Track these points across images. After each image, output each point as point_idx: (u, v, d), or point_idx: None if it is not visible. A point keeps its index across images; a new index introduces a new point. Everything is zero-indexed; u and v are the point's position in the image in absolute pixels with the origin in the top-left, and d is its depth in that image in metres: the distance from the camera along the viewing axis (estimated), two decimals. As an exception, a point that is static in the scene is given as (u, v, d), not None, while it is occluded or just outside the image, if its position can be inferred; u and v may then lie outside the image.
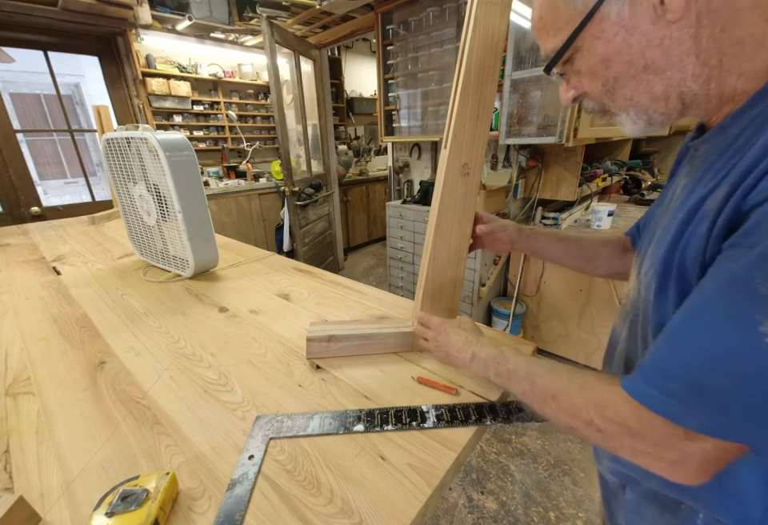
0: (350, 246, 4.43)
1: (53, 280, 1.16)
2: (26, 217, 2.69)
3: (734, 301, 0.29)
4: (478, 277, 2.31)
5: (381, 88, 2.68)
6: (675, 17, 0.33)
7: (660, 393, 0.32)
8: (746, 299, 0.28)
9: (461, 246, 0.68)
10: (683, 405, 0.30)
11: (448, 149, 0.61)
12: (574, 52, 0.39)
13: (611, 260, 0.67)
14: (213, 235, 1.14)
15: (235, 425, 0.56)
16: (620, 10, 0.35)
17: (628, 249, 0.66)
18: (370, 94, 4.88)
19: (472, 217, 0.66)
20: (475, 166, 0.63)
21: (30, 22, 2.42)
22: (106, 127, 1.80)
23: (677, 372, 0.31)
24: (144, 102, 3.07)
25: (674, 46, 0.34)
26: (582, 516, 1.35)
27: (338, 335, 0.70)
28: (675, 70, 0.35)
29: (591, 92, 0.42)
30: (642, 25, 0.35)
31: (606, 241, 0.69)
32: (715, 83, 0.35)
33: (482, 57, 0.56)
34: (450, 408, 0.58)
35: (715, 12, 0.32)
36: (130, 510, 0.40)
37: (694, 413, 0.30)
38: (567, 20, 0.38)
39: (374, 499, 0.44)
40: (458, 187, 0.63)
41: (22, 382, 0.68)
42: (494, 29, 0.55)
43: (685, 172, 0.43)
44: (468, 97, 0.58)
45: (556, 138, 1.85)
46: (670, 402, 0.31)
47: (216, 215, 3.12)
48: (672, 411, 0.31)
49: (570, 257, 0.70)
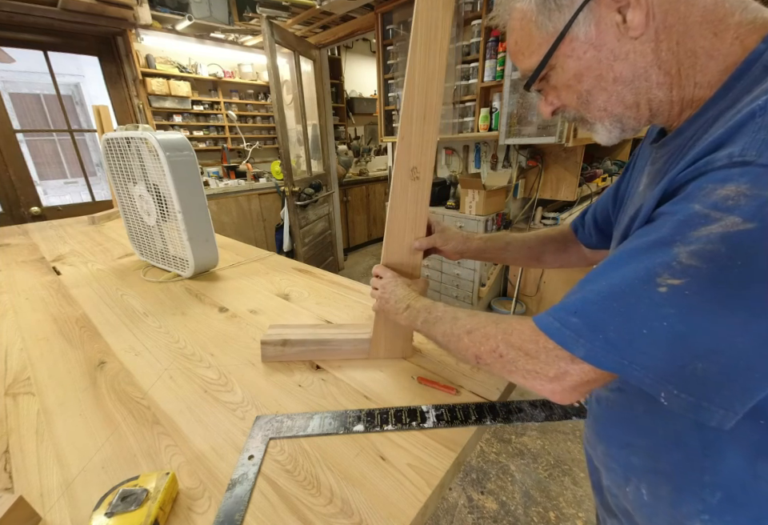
0: (350, 246, 4.43)
1: (53, 280, 1.16)
2: (25, 217, 2.69)
3: (647, 256, 0.32)
4: (477, 277, 2.31)
5: (381, 88, 2.68)
6: (637, 33, 0.37)
7: (560, 324, 0.36)
8: (657, 255, 0.32)
9: (414, 251, 0.66)
10: (576, 335, 0.35)
11: (396, 152, 0.58)
12: (549, 70, 0.44)
13: (557, 254, 0.74)
14: (213, 235, 1.14)
15: (235, 425, 0.56)
16: (587, 30, 0.39)
17: (571, 240, 0.73)
18: (370, 94, 4.88)
19: (424, 223, 0.65)
20: (425, 170, 0.59)
21: (29, 21, 2.42)
22: (106, 127, 1.80)
23: (576, 307, 0.36)
24: (144, 102, 3.07)
25: (639, 59, 0.38)
26: (582, 516, 1.35)
27: (292, 340, 0.69)
28: (642, 79, 0.39)
29: (568, 104, 0.46)
30: (609, 42, 0.39)
31: (550, 237, 0.75)
32: (676, 90, 0.39)
33: (425, 54, 0.53)
34: (449, 408, 0.58)
35: (670, 27, 0.37)
36: (129, 511, 0.40)
37: (584, 343, 0.34)
38: (540, 43, 0.42)
39: (373, 499, 0.44)
40: (408, 192, 0.61)
41: (21, 382, 0.68)
42: (437, 23, 0.52)
43: (647, 172, 0.47)
44: (413, 97, 0.55)
45: (556, 138, 1.85)
46: (565, 332, 0.36)
47: (216, 215, 3.12)
48: (565, 339, 0.36)
49: (520, 258, 0.76)
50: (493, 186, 2.26)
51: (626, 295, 0.33)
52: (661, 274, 0.31)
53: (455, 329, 0.48)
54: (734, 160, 0.29)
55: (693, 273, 0.29)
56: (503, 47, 1.95)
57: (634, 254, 0.34)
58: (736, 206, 0.28)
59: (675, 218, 0.32)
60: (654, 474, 0.45)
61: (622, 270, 0.34)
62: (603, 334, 0.33)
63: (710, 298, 0.29)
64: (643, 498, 0.47)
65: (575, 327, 0.35)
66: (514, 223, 2.43)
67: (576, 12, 0.38)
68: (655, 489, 0.45)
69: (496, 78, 2.04)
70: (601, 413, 0.54)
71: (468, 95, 2.21)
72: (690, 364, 0.30)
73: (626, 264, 0.34)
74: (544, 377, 0.38)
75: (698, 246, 0.29)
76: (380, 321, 0.68)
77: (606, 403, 0.52)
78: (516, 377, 0.40)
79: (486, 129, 2.18)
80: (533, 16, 0.41)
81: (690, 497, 0.41)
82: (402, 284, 0.63)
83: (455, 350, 0.48)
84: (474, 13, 2.05)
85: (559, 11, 0.39)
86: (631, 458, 0.48)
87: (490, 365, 0.43)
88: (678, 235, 0.31)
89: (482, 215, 2.22)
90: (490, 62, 2.03)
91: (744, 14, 0.35)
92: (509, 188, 2.35)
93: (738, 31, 0.35)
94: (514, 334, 0.41)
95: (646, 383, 0.32)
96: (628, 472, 0.49)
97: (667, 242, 0.31)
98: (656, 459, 0.45)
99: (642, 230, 0.35)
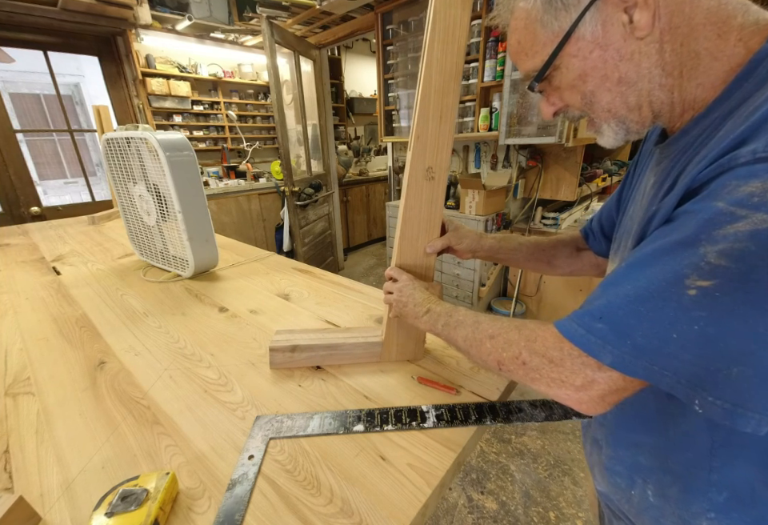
0: (350, 246, 4.43)
1: (53, 280, 1.16)
2: (25, 217, 2.69)
3: (672, 257, 0.31)
4: (477, 277, 2.31)
5: (381, 88, 2.68)
6: (643, 34, 0.37)
7: (585, 331, 0.35)
8: (684, 256, 0.31)
9: (428, 254, 0.65)
10: (602, 341, 0.33)
11: (411, 151, 0.57)
12: (553, 70, 0.43)
13: (569, 259, 0.73)
14: (213, 235, 1.14)
15: (235, 425, 0.56)
16: (594, 30, 0.39)
17: (582, 247, 0.72)
18: (370, 94, 4.88)
19: (439, 223, 0.64)
20: (440, 170, 0.59)
21: (29, 21, 2.42)
22: (106, 127, 1.80)
23: (602, 312, 0.34)
24: (144, 102, 3.07)
25: (644, 60, 0.38)
26: (582, 516, 1.35)
27: (302, 345, 0.68)
28: (645, 81, 0.39)
29: (572, 105, 0.46)
30: (615, 42, 0.39)
31: (562, 242, 0.74)
32: (678, 92, 0.39)
33: (442, 52, 0.52)
34: (449, 408, 0.58)
35: (675, 28, 0.37)
36: (129, 511, 0.40)
37: (611, 349, 0.33)
38: (545, 42, 0.41)
39: (373, 499, 0.44)
40: (423, 192, 0.59)
41: (21, 382, 0.68)
42: (455, 21, 0.51)
43: (653, 172, 0.47)
44: (430, 96, 0.54)
45: (556, 138, 1.85)
46: (591, 338, 0.34)
47: (216, 215, 3.12)
48: (591, 346, 0.34)
49: (531, 261, 0.74)
50: (493, 186, 2.26)
51: (653, 299, 0.31)
52: (689, 275, 0.30)
53: (477, 333, 0.47)
54: (757, 156, 0.28)
55: (722, 273, 0.28)
56: (503, 47, 1.95)
57: (658, 255, 0.33)
58: (762, 202, 0.27)
59: (699, 216, 0.31)
60: (662, 474, 0.45)
61: (647, 273, 0.33)
62: (631, 340, 0.32)
63: (742, 298, 0.28)
64: (649, 500, 0.46)
65: (601, 333, 0.34)
66: (514, 223, 2.43)
67: (583, 11, 0.38)
68: (663, 489, 0.45)
69: (496, 78, 2.04)
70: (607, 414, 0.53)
71: (468, 95, 2.21)
72: (724, 369, 0.29)
73: (650, 266, 0.33)
74: (570, 386, 0.36)
75: (726, 245, 0.28)
76: (392, 324, 0.67)
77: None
78: (540, 385, 0.39)
79: (486, 129, 2.18)
80: (538, 15, 0.41)
81: (697, 496, 0.41)
82: (420, 287, 0.61)
83: (477, 355, 0.47)
84: (474, 13, 2.05)
85: (566, 10, 0.39)
86: (638, 459, 0.47)
87: (512, 372, 0.42)
88: (703, 234, 0.30)
89: (481, 215, 2.22)
90: (489, 62, 2.04)
91: (746, 16, 0.35)
92: (509, 188, 2.35)
93: (742, 33, 0.35)
94: (537, 340, 0.39)
95: (679, 390, 0.31)
96: (634, 474, 0.48)
97: (692, 242, 0.30)
98: (664, 459, 0.44)
99: (663, 229, 0.35)
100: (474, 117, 2.22)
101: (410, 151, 0.57)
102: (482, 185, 2.21)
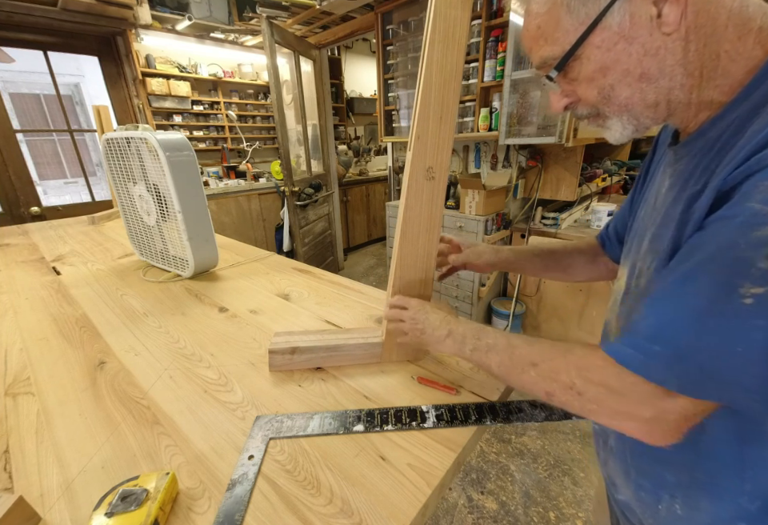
0: (350, 246, 4.43)
1: (53, 280, 1.16)
2: (25, 217, 2.69)
3: (718, 266, 0.30)
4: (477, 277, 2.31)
5: (381, 88, 2.68)
6: (670, 29, 0.36)
7: (643, 356, 0.33)
8: (729, 264, 0.29)
9: (428, 253, 0.64)
10: (664, 366, 0.32)
11: (411, 151, 0.57)
12: (573, 60, 0.41)
13: (586, 266, 0.72)
14: (212, 235, 1.14)
15: (235, 425, 0.56)
16: (621, 21, 0.37)
17: (599, 253, 0.71)
18: (370, 94, 4.88)
19: (439, 223, 0.63)
20: (441, 170, 0.58)
21: (29, 21, 2.42)
22: (106, 127, 1.80)
23: (658, 334, 0.33)
24: (144, 102, 3.07)
25: (668, 57, 0.37)
26: (582, 516, 1.35)
27: (302, 347, 0.67)
28: (667, 79, 0.38)
29: (585, 98, 0.44)
30: (641, 35, 0.37)
31: (578, 249, 0.73)
32: (696, 93, 0.38)
33: (443, 53, 0.52)
34: (449, 408, 0.58)
35: (701, 28, 0.36)
36: (129, 511, 0.40)
37: (675, 373, 0.31)
38: (568, 29, 0.39)
39: (373, 499, 0.44)
40: (423, 192, 0.59)
41: (21, 382, 0.68)
42: (455, 21, 0.51)
43: (668, 174, 0.46)
44: (430, 96, 0.54)
45: (556, 138, 1.85)
46: (651, 364, 0.32)
47: (216, 215, 3.12)
48: (653, 372, 0.32)
49: (549, 270, 0.74)
50: (493, 186, 2.26)
51: (708, 313, 0.30)
52: (741, 284, 0.28)
53: (515, 359, 0.44)
54: None
55: None
56: (503, 47, 1.95)
57: (702, 265, 0.31)
58: None
59: (736, 220, 0.30)
60: (690, 488, 0.43)
61: (695, 286, 0.31)
62: (693, 361, 0.30)
63: None
64: (677, 513, 0.44)
65: (660, 357, 0.32)
66: (513, 223, 2.43)
67: (612, 0, 0.36)
68: (692, 502, 0.43)
69: (496, 78, 2.04)
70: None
71: (468, 95, 2.21)
72: None
73: (696, 279, 0.31)
74: (638, 418, 0.34)
75: None
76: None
77: None
78: (601, 417, 0.37)
79: (486, 129, 2.18)
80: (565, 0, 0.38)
81: (727, 504, 0.40)
82: (432, 309, 0.58)
83: (518, 383, 0.44)
84: (474, 13, 2.05)
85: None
86: (665, 475, 0.45)
87: (565, 403, 0.39)
88: (742, 238, 0.29)
89: (481, 215, 2.22)
90: (489, 62, 2.03)
91: (765, 19, 0.35)
92: (509, 188, 2.34)
93: (760, 36, 0.35)
94: (590, 370, 0.37)
95: (755, 408, 0.29)
96: (660, 489, 0.46)
97: (735, 248, 0.29)
98: (692, 471, 0.42)
99: (699, 238, 0.33)
100: (474, 117, 2.22)
101: (409, 151, 0.57)
102: (482, 185, 2.21)
